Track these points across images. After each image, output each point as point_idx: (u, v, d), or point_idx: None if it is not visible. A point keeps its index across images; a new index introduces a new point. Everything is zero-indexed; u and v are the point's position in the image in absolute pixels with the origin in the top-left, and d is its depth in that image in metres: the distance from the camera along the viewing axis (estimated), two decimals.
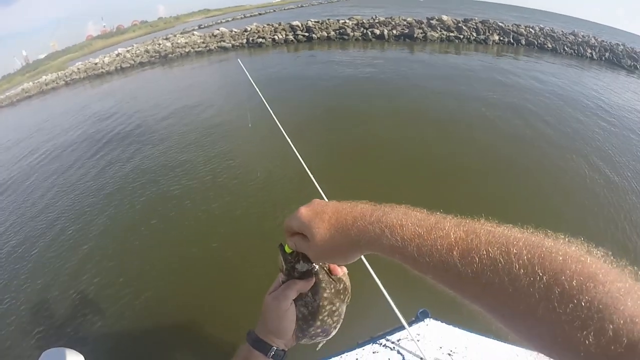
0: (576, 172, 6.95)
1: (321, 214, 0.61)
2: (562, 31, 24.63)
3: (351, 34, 20.49)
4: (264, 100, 3.93)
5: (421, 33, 20.06)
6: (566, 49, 21.35)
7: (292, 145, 3.09)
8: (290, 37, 21.12)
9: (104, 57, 26.61)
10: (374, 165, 7.21)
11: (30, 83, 29.33)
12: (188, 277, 4.96)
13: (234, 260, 5.08)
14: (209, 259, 5.23)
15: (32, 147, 11.87)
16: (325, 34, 20.85)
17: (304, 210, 0.63)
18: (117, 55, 26.12)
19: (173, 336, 4.27)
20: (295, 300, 0.71)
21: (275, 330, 0.70)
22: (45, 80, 28.03)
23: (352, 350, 1.74)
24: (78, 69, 26.88)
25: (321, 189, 2.65)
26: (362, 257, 1.70)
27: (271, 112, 3.60)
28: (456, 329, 1.90)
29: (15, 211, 7.84)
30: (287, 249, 0.71)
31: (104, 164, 8.92)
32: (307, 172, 2.77)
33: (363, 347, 1.76)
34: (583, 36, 24.52)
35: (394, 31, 20.32)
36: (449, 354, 1.80)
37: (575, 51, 21.25)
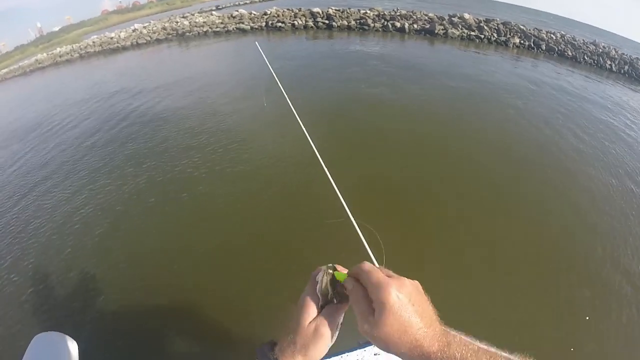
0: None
1: (403, 312, 0.62)
2: (583, 40, 24.26)
3: (372, 24, 20.26)
4: (279, 83, 3.86)
5: (442, 29, 19.81)
6: (586, 58, 21.02)
7: (305, 130, 3.08)
8: (310, 23, 20.90)
9: (120, 31, 26.49)
10: (385, 152, 7.16)
11: (44, 54, 29.23)
12: (193, 265, 4.85)
13: (246, 253, 4.98)
14: (219, 247, 5.11)
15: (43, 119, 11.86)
16: (346, 23, 20.61)
17: (395, 288, 0.62)
18: (134, 30, 25.99)
19: (173, 327, 4.16)
20: None
21: (317, 356, 0.69)
22: (60, 52, 27.93)
23: (353, 351, 1.70)
24: (93, 42, 26.77)
25: (325, 165, 2.65)
26: (370, 252, 1.77)
27: (286, 96, 3.54)
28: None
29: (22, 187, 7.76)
30: (340, 277, 0.71)
31: (121, 141, 8.77)
32: (316, 155, 2.80)
33: (364, 348, 1.71)
34: (604, 47, 24.12)
35: (415, 25, 20.09)
36: None
37: (595, 61, 20.92)
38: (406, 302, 0.62)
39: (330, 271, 0.72)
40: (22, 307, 4.64)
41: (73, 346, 1.44)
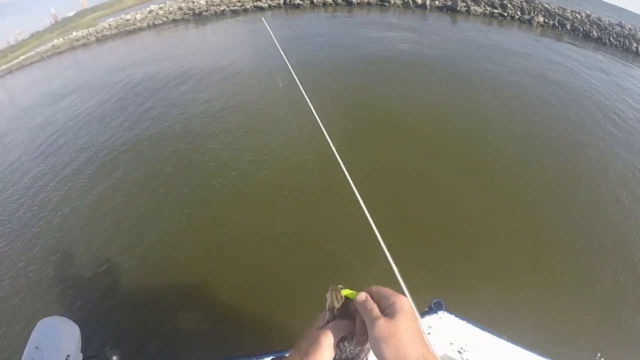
0: None
1: (415, 322, 0.65)
2: (609, 21, 23.54)
3: (392, 1, 19.90)
4: (286, 60, 3.75)
5: (464, 6, 19.38)
6: (612, 39, 20.40)
7: (315, 113, 2.87)
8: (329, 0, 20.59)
9: (136, 13, 26.55)
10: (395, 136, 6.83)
11: (61, 39, 29.61)
12: (203, 251, 4.74)
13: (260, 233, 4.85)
14: (229, 230, 4.99)
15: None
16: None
17: (407, 302, 0.67)
18: (150, 12, 26.01)
19: (174, 312, 4.08)
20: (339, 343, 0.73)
21: None
22: (76, 36, 28.25)
23: None
24: (109, 25, 26.92)
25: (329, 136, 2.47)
26: (379, 237, 1.76)
27: (294, 75, 3.36)
28: (470, 325, 1.85)
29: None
30: (348, 294, 0.74)
31: (137, 121, 8.71)
32: (321, 128, 2.62)
33: None
34: (630, 28, 23.40)
35: (436, 2, 19.68)
36: (459, 351, 1.77)
37: (621, 43, 20.28)
38: (415, 315, 0.68)
39: (337, 287, 0.76)
40: (30, 290, 4.66)
41: (75, 329, 1.56)
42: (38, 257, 5.13)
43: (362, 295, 0.71)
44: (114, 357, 1.87)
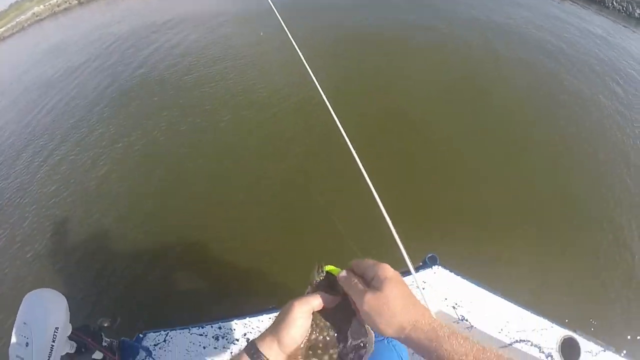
0: None
1: (403, 286, 0.65)
2: None
3: None
4: (280, 19, 3.38)
5: None
6: (614, 3, 19.79)
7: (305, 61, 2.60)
8: None
9: None
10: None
11: (41, 6, 29.06)
12: (197, 219, 4.60)
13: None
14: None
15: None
16: None
17: (389, 269, 0.66)
18: None
19: (162, 280, 4.01)
20: (317, 320, 0.69)
21: (279, 333, 0.65)
22: (57, 1, 27.46)
23: None
24: None
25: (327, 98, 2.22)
26: (372, 189, 1.65)
27: (288, 32, 2.99)
28: (465, 280, 1.84)
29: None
30: (332, 269, 0.73)
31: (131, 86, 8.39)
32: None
33: None
34: None
35: None
36: (453, 307, 1.76)
37: (624, 8, 19.70)
38: (401, 278, 0.66)
39: (321, 264, 0.74)
40: (37, 275, 4.57)
41: (62, 300, 1.54)
42: (35, 238, 5.04)
43: (343, 273, 0.70)
44: (105, 324, 1.78)
